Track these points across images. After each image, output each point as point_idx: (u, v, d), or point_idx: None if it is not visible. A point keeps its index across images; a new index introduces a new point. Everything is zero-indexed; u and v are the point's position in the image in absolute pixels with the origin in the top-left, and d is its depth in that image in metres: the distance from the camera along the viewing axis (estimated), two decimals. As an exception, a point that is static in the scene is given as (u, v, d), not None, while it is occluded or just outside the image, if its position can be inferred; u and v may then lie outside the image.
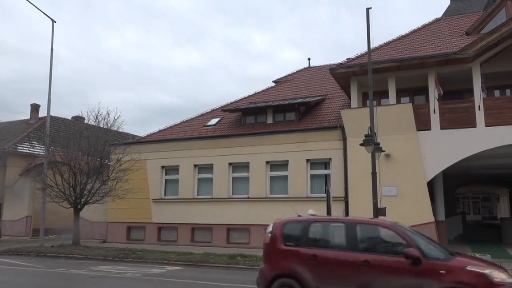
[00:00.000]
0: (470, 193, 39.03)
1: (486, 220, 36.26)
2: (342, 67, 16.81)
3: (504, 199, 39.10)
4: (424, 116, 15.72)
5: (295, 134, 17.99)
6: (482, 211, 41.04)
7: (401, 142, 15.59)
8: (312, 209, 14.79)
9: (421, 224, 14.94)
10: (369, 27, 14.11)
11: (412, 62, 15.71)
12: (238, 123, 20.32)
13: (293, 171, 17.84)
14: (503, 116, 14.71)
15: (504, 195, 38.62)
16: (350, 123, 16.40)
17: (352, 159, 16.28)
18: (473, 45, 14.85)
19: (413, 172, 15.36)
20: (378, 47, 18.30)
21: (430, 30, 19.64)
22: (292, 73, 27.13)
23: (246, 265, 12.83)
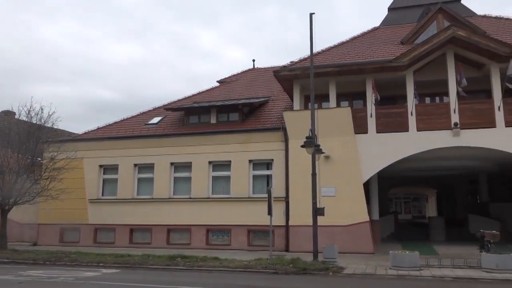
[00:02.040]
0: (402, 193, 41.31)
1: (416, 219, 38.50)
2: (285, 70, 17.14)
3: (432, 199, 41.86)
4: (362, 120, 16.42)
5: (238, 135, 18.08)
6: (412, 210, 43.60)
7: (340, 144, 16.19)
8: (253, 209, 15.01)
9: (357, 224, 15.64)
10: (312, 32, 14.51)
11: (352, 68, 16.38)
12: (181, 123, 20.04)
13: (235, 171, 17.90)
14: (433, 122, 15.74)
15: (432, 196, 41.34)
16: (292, 125, 16.76)
17: (293, 160, 16.65)
18: (407, 54, 15.75)
19: (350, 173, 16.00)
20: (321, 52, 18.86)
21: (369, 38, 20.57)
22: (237, 74, 27.22)
23: (186, 266, 12.68)
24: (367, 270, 11.72)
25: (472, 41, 15.33)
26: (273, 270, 11.87)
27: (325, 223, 14.68)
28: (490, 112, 15.37)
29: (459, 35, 15.43)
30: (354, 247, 15.28)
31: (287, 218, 16.59)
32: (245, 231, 17.26)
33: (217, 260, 13.20)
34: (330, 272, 11.50)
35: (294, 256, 13.18)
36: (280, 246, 16.49)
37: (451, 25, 16.23)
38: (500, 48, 14.98)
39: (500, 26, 18.79)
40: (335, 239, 15.13)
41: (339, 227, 15.62)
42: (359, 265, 12.47)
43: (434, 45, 15.72)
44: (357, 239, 15.48)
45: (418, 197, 43.54)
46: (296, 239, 16.10)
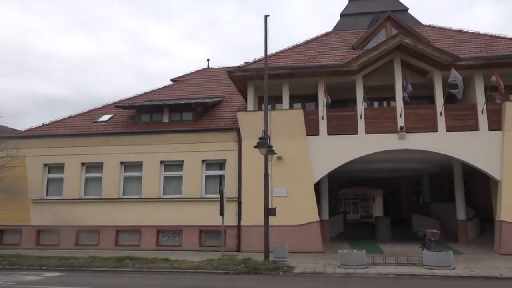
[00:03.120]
0: (351, 194, 42.60)
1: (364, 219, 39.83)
2: (239, 71, 17.18)
3: (379, 199, 43.51)
4: (314, 122, 16.78)
5: (191, 134, 17.90)
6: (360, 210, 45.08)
7: (292, 145, 16.45)
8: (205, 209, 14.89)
9: (308, 223, 15.96)
10: (267, 34, 14.66)
11: (304, 71, 16.71)
12: (132, 121, 19.54)
13: (188, 171, 17.71)
14: (380, 125, 16.36)
15: (379, 196, 42.97)
16: (246, 126, 16.84)
17: (246, 160, 16.73)
18: (357, 60, 16.29)
19: (302, 174, 16.30)
20: (275, 53, 19.08)
21: (322, 42, 21.07)
22: (191, 73, 26.94)
23: (136, 268, 12.38)
24: (316, 269, 11.99)
25: (418, 49, 16.10)
26: (224, 271, 11.87)
27: (277, 223, 14.88)
28: (432, 117, 16.19)
29: (406, 43, 16.15)
30: (304, 247, 15.58)
31: (239, 218, 16.63)
32: (197, 231, 17.12)
33: (168, 261, 13.01)
34: (280, 271, 11.66)
35: (246, 256, 13.24)
36: (231, 246, 16.49)
37: (398, 33, 16.96)
38: (442, 56, 15.84)
39: (443, 36, 19.86)
40: (286, 239, 15.36)
41: (290, 227, 15.87)
42: (309, 264, 12.74)
43: (382, 52, 16.36)
44: (307, 238, 15.79)
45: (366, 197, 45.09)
46: (247, 239, 16.18)
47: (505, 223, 14.96)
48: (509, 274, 10.96)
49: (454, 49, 17.07)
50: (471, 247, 16.65)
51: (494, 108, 15.88)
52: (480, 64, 15.83)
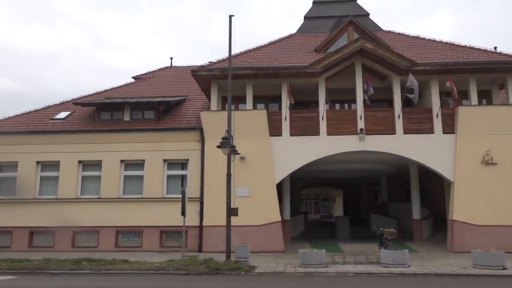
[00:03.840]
0: (312, 194, 43.23)
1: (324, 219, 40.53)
2: (203, 70, 17.08)
3: (339, 199, 44.39)
4: (277, 123, 16.94)
5: (153, 133, 17.62)
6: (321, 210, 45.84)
7: (255, 145, 16.53)
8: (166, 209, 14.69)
9: (269, 223, 16.08)
10: (231, 34, 14.65)
11: (268, 71, 16.83)
12: (91, 119, 18.98)
13: (149, 171, 17.42)
14: (341, 127, 16.73)
15: (339, 196, 43.84)
16: (209, 125, 16.76)
17: (209, 160, 16.66)
18: (320, 62, 16.58)
19: (264, 175, 16.41)
20: (239, 54, 19.09)
21: (285, 44, 21.27)
22: (154, 71, 26.48)
23: (93, 270, 12.03)
24: (277, 268, 12.10)
25: (378, 53, 16.58)
26: (185, 271, 11.76)
27: (239, 223, 14.89)
28: (391, 120, 16.73)
29: (366, 47, 16.60)
30: (266, 246, 15.68)
31: (201, 219, 16.53)
32: (158, 232, 16.86)
33: (127, 262, 12.73)
34: (242, 271, 11.68)
35: (207, 257, 13.17)
36: (193, 246, 16.37)
37: (360, 37, 17.41)
38: (401, 61, 16.39)
39: (402, 42, 20.55)
40: (248, 239, 15.41)
41: (252, 227, 15.93)
42: (270, 264, 12.84)
43: (344, 55, 16.73)
44: (269, 238, 15.91)
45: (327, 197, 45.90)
46: (209, 240, 16.11)
47: (456, 222, 15.67)
48: (459, 271, 11.49)
49: (412, 54, 17.69)
50: (425, 246, 17.33)
51: (448, 112, 16.60)
52: (436, 70, 16.51)
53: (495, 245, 13.82)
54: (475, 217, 15.55)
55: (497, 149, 15.91)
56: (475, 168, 15.95)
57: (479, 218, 15.52)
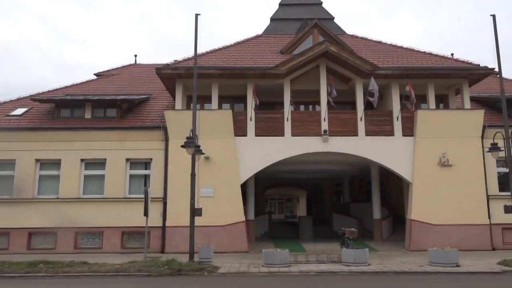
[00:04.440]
0: (276, 194, 43.64)
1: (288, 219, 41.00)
2: (168, 68, 16.87)
3: (303, 200, 44.99)
4: (242, 123, 16.96)
5: (116, 132, 17.23)
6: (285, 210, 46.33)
7: (220, 145, 16.48)
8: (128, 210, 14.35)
9: (233, 223, 16.07)
10: (197, 33, 14.55)
11: (234, 72, 16.83)
12: (50, 116, 18.31)
13: (111, 170, 17.01)
14: (305, 128, 16.96)
15: (303, 197, 44.43)
16: (173, 125, 16.57)
17: (173, 160, 16.47)
18: (285, 64, 16.74)
19: (229, 175, 16.39)
20: (205, 53, 18.97)
21: (252, 45, 21.34)
22: (117, 68, 25.89)
23: (50, 273, 11.59)
24: (241, 268, 12.11)
25: (342, 57, 16.93)
26: (147, 273, 11.55)
27: (203, 223, 14.82)
28: (354, 122, 17.12)
29: (331, 50, 16.90)
30: (230, 247, 15.67)
31: (164, 219, 16.30)
32: (119, 233, 16.48)
33: (86, 264, 12.36)
34: (205, 272, 11.62)
35: (170, 258, 12.98)
36: (155, 247, 16.12)
37: (324, 40, 17.70)
38: (364, 65, 16.81)
39: (364, 46, 21.05)
40: (212, 239, 15.36)
41: (216, 227, 15.88)
42: (234, 264, 12.83)
43: (309, 57, 16.97)
44: (233, 238, 15.90)
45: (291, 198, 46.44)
46: (172, 240, 15.92)
47: (414, 221, 16.23)
48: (417, 269, 11.91)
49: (374, 58, 18.17)
50: (385, 244, 17.85)
51: (408, 115, 17.16)
52: (396, 74, 17.03)
53: (450, 244, 14.44)
54: (432, 217, 16.16)
55: (453, 151, 16.60)
56: (432, 169, 16.57)
57: (435, 218, 16.15)
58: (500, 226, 16.26)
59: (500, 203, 14.80)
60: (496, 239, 16.34)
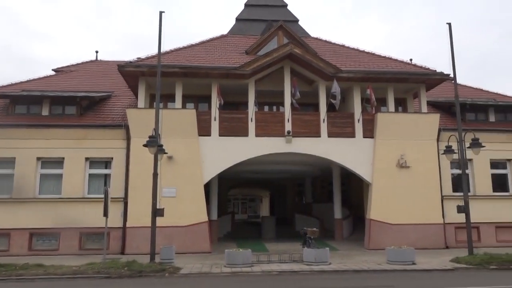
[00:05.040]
0: (240, 194, 43.71)
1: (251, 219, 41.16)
2: (131, 66, 16.54)
3: (266, 200, 45.28)
4: (206, 123, 16.87)
5: (75, 130, 16.70)
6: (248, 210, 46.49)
7: (183, 145, 16.32)
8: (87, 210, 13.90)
9: (196, 224, 15.96)
10: (161, 30, 14.34)
11: (199, 71, 16.71)
12: (5, 112, 17.53)
13: (69, 169, 16.46)
14: (269, 129, 17.08)
15: (266, 197, 44.73)
16: (135, 123, 16.26)
17: (135, 159, 16.15)
18: (250, 64, 16.80)
19: (192, 175, 16.26)
20: (169, 51, 18.74)
21: (217, 44, 21.26)
22: (77, 64, 25.07)
23: (3, 276, 11.09)
24: (203, 269, 12.05)
25: (306, 59, 17.17)
26: (106, 275, 11.28)
27: (165, 224, 14.64)
28: (316, 123, 17.40)
29: (295, 52, 17.11)
30: (192, 247, 15.55)
31: (124, 220, 15.96)
32: (77, 234, 15.98)
33: (42, 267, 11.91)
34: (166, 273, 11.48)
35: (131, 259, 12.73)
36: (115, 249, 15.75)
37: (289, 42, 17.90)
38: (327, 68, 17.12)
39: (328, 49, 21.46)
40: (174, 240, 15.18)
41: (179, 227, 15.71)
42: (196, 265, 12.75)
43: (274, 59, 17.10)
44: (195, 239, 15.79)
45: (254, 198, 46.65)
46: (133, 241, 15.60)
47: (373, 221, 16.70)
48: (375, 267, 12.27)
49: (337, 61, 18.54)
50: (345, 244, 18.25)
51: (368, 118, 17.63)
52: (358, 77, 17.46)
53: (407, 242, 14.96)
54: (390, 217, 16.68)
55: (410, 153, 17.20)
56: (391, 170, 17.11)
57: (393, 217, 16.67)
58: (453, 225, 16.99)
59: (453, 203, 15.47)
60: (450, 238, 17.08)
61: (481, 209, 17.18)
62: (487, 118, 19.70)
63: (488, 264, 12.36)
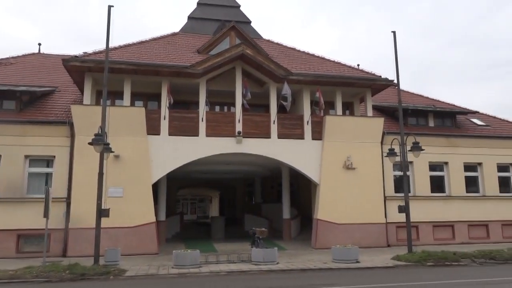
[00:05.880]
0: (189, 194, 43.24)
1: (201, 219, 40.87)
2: (76, 60, 15.88)
3: (215, 200, 45.13)
4: (155, 121, 16.53)
5: (13, 126, 15.76)
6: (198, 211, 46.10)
7: (132, 144, 15.90)
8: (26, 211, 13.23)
9: (143, 225, 15.60)
10: (110, 25, 13.88)
11: (148, 68, 16.35)
12: None
13: (6, 167, 15.51)
14: (219, 129, 17.04)
15: (216, 197, 44.59)
16: (80, 120, 15.62)
17: (79, 158, 15.51)
18: (202, 63, 16.68)
19: (140, 174, 15.87)
20: (118, 47, 18.20)
21: (168, 42, 20.93)
22: (18, 56, 23.66)
23: None
24: (150, 271, 11.80)
25: (257, 60, 17.30)
26: (46, 278, 10.75)
27: (110, 225, 14.22)
28: (267, 124, 17.58)
29: (247, 53, 17.19)
30: (139, 249, 15.19)
31: (67, 221, 15.28)
32: (14, 236, 15.08)
33: (-27, 271, 11.14)
34: (111, 275, 11.13)
35: (73, 262, 12.21)
36: (57, 251, 15.04)
37: (241, 43, 17.97)
38: (278, 70, 17.35)
39: (280, 51, 21.77)
40: (120, 241, 14.76)
41: (125, 228, 15.29)
42: (142, 267, 12.46)
43: (225, 59, 17.09)
44: (142, 240, 15.43)
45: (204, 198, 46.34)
46: (76, 243, 14.97)
47: (320, 221, 17.13)
48: (321, 265, 12.60)
49: (288, 64, 18.85)
50: (293, 243, 18.58)
51: (317, 120, 18.06)
52: (308, 80, 17.85)
53: (352, 241, 15.49)
54: (336, 216, 17.19)
55: (357, 155, 17.82)
56: (338, 172, 17.63)
57: (339, 217, 17.19)
58: (394, 224, 17.79)
59: (395, 203, 16.22)
60: (391, 237, 17.87)
61: (420, 209, 18.15)
62: (427, 123, 20.86)
63: (426, 261, 13.07)
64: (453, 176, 19.46)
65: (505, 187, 20.29)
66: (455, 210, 19.01)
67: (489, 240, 18.96)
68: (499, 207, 19.60)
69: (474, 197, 19.61)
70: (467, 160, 19.79)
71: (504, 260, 13.42)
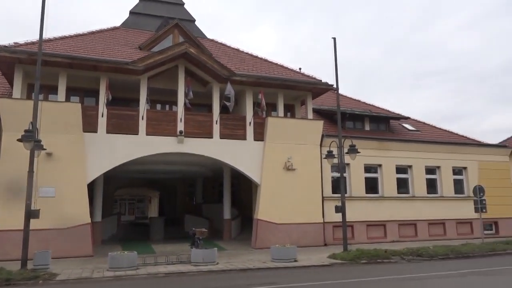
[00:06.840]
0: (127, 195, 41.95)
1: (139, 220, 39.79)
2: (5, 51, 14.84)
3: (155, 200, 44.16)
4: (92, 118, 15.86)
5: None
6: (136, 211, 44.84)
7: (66, 141, 15.13)
8: None
9: (77, 226, 14.91)
10: (44, 15, 13.08)
11: (86, 63, 15.64)
12: None
13: None
14: (161, 128, 16.69)
15: (155, 197, 43.63)
16: (9, 115, 14.60)
17: (7, 155, 14.47)
18: (143, 60, 16.25)
19: (74, 173, 15.14)
20: (53, 39, 17.28)
21: (108, 36, 20.17)
22: None
23: None
24: (83, 274, 11.30)
25: (201, 59, 17.16)
26: (-35, 285, 9.95)
27: (41, 226, 13.42)
28: (209, 124, 17.48)
29: (190, 52, 16.99)
30: (72, 251, 14.48)
31: (-9, 222, 14.21)
32: None
33: None
34: (40, 280, 10.52)
35: (-3, 266, 11.40)
36: (-21, 255, 13.94)
37: (184, 41, 17.72)
38: (221, 70, 17.32)
39: (223, 52, 21.75)
40: (52, 244, 13.95)
41: (57, 230, 14.49)
42: (75, 270, 11.91)
43: (168, 57, 16.77)
44: (76, 242, 14.71)
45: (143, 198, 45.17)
46: (1, 246, 13.93)
47: (261, 221, 17.32)
48: (260, 265, 12.75)
49: (232, 64, 18.89)
50: (233, 243, 18.63)
51: (259, 121, 18.25)
52: (250, 82, 17.99)
53: (291, 241, 15.83)
54: (276, 216, 17.47)
55: (297, 156, 18.23)
56: (278, 172, 17.94)
57: (279, 217, 17.49)
58: (331, 224, 18.40)
59: (333, 203, 16.80)
60: (328, 236, 18.47)
61: (356, 209, 18.94)
62: (363, 127, 21.83)
63: (360, 259, 13.67)
64: (386, 177, 20.49)
65: (432, 188, 21.69)
66: (387, 210, 20.03)
67: (417, 238, 20.17)
68: (426, 207, 20.92)
69: (405, 198, 20.78)
70: (398, 163, 20.92)
71: (429, 257, 14.37)
